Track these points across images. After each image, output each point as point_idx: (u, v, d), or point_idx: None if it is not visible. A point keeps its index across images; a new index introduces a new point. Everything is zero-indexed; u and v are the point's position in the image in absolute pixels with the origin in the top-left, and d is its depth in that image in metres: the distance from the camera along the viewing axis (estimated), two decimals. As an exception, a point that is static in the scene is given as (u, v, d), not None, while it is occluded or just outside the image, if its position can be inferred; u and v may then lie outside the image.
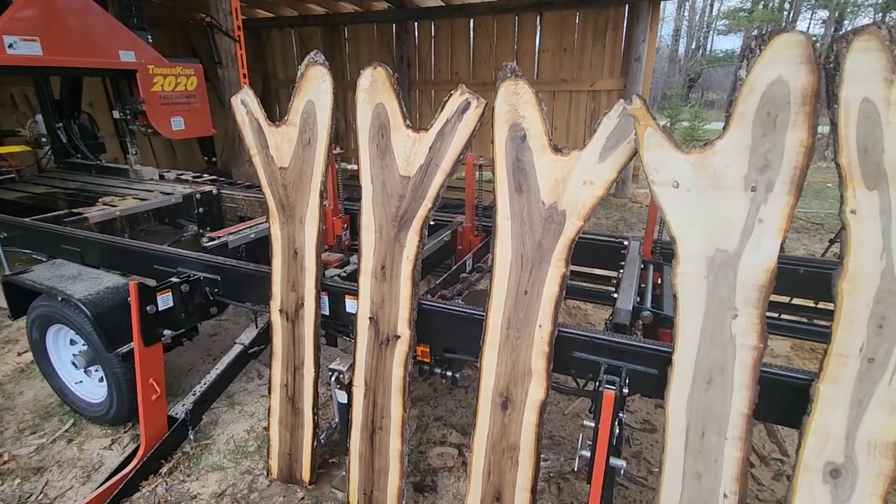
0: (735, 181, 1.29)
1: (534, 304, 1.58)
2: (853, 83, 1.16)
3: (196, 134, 4.09)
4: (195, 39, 8.70)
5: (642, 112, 1.36)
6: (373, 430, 1.89)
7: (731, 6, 27.70)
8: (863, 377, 1.24)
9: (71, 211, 2.99)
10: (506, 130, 1.59)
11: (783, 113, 1.22)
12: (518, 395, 1.61)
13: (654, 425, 2.45)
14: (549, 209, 1.55)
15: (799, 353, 3.08)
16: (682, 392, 1.40)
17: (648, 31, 6.52)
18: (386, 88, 1.70)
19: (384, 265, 1.79)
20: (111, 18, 3.54)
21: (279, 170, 1.94)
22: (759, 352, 1.31)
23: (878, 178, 1.17)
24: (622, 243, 2.46)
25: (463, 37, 7.86)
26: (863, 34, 1.14)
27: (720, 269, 1.33)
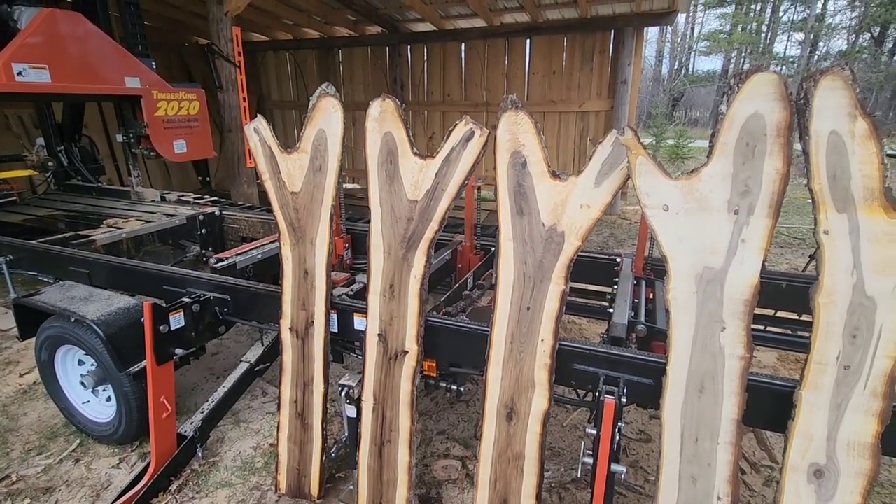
0: (719, 204, 1.41)
1: (536, 319, 1.68)
2: (821, 117, 1.29)
3: (197, 156, 4.18)
4: (191, 62, 8.84)
5: (633, 142, 1.49)
6: (381, 443, 1.96)
7: (712, 29, 28.69)
8: (840, 383, 1.35)
9: (78, 233, 3.05)
10: (507, 157, 1.70)
11: (761, 143, 1.35)
12: (522, 406, 1.70)
13: (650, 435, 2.54)
14: (549, 230, 1.66)
15: (785, 363, 3.21)
16: (677, 400, 1.50)
17: (633, 54, 6.79)
18: (394, 118, 1.82)
19: (392, 284, 1.88)
20: (117, 46, 3.65)
21: (291, 194, 2.04)
22: (747, 361, 1.42)
23: (847, 201, 1.30)
24: (615, 260, 2.58)
25: (455, 60, 8.09)
26: (828, 74, 1.28)
27: (708, 285, 1.44)
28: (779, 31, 26.30)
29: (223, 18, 4.71)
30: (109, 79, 3.51)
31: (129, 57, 3.70)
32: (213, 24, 4.77)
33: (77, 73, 3.33)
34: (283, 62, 9.47)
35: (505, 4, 6.83)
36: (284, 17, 7.72)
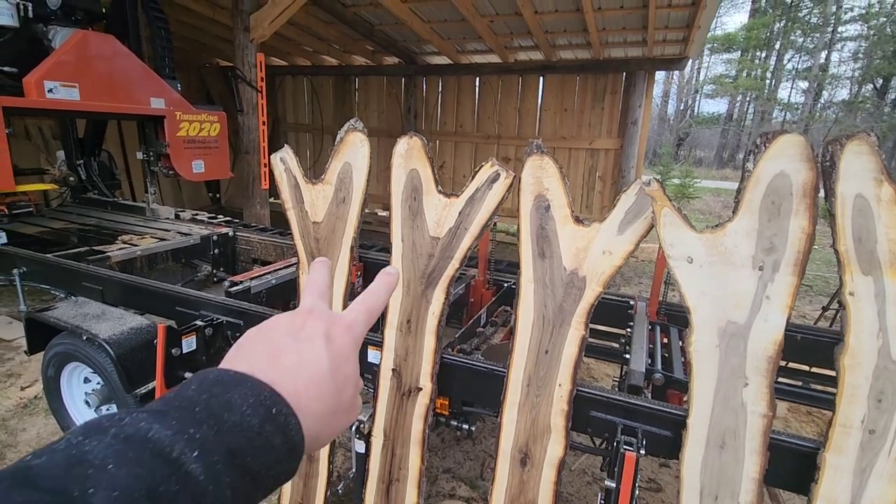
0: (744, 260, 1.42)
1: (554, 363, 1.67)
2: (847, 180, 1.31)
3: (214, 177, 4.24)
4: (211, 83, 9.05)
5: (659, 193, 1.51)
6: (389, 482, 1.92)
7: (717, 73, 29.37)
8: (865, 447, 1.33)
9: (93, 249, 3.07)
10: (531, 200, 1.73)
11: (786, 202, 1.37)
12: (537, 452, 1.68)
13: (660, 484, 2.49)
14: (570, 275, 1.67)
15: (796, 415, 3.16)
16: (697, 455, 1.48)
17: (644, 96, 6.93)
18: (420, 156, 1.85)
19: (410, 319, 1.88)
20: (145, 67, 3.75)
21: (312, 224, 2.06)
22: (769, 419, 1.41)
23: (873, 264, 1.30)
24: (629, 303, 2.58)
25: (469, 92, 8.27)
26: (855, 139, 1.31)
27: (731, 340, 1.44)
28: (783, 79, 26.92)
29: (248, 45, 4.85)
30: (136, 99, 3.60)
31: (155, 78, 3.79)
32: (237, 50, 4.91)
33: (105, 93, 3.41)
34: (300, 87, 9.69)
35: (520, 43, 7.02)
36: (305, 44, 7.94)
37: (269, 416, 0.38)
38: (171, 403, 0.36)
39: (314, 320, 0.48)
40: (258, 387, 0.40)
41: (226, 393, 0.38)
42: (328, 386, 0.44)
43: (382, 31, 7.18)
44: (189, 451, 0.33)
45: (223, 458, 0.34)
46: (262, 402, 0.38)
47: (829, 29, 24.36)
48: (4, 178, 2.91)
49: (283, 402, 0.40)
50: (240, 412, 0.37)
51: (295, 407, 0.40)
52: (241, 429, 0.36)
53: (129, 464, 0.30)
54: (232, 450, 0.35)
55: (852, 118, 22.15)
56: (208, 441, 0.34)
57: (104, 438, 0.32)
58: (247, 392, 0.39)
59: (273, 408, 0.39)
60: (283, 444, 0.38)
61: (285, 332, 0.46)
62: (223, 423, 0.36)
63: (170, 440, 0.33)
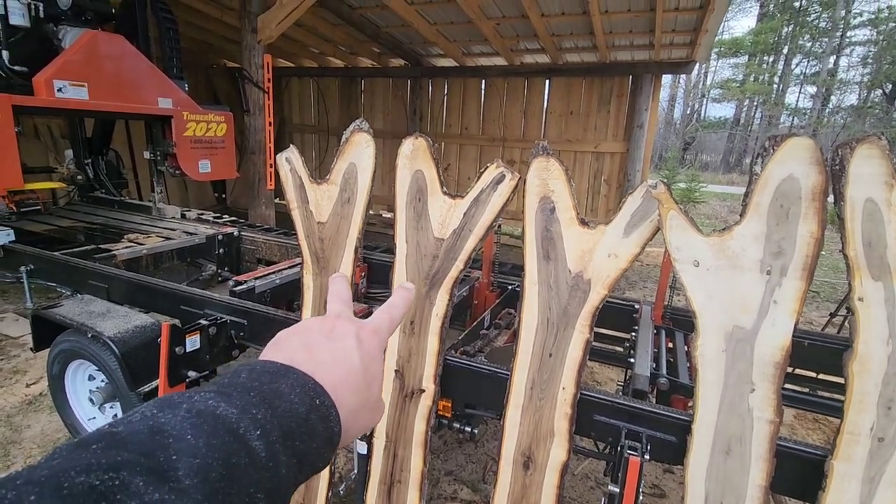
0: (751, 264, 1.41)
1: (558, 366, 1.66)
2: (857, 185, 1.30)
3: (220, 177, 4.26)
4: (217, 84, 9.11)
5: (666, 196, 1.50)
6: (391, 484, 1.91)
7: (724, 77, 29.27)
8: (873, 456, 1.31)
9: (99, 247, 3.08)
10: (536, 202, 1.72)
11: (795, 206, 1.36)
12: (540, 456, 1.66)
13: (664, 490, 2.47)
14: (575, 277, 1.66)
15: (802, 422, 3.13)
16: (702, 461, 1.46)
17: (651, 100, 6.91)
18: (426, 157, 1.84)
19: (413, 321, 1.87)
20: (153, 67, 3.77)
21: (317, 224, 2.06)
22: (776, 425, 1.39)
23: (883, 269, 1.29)
24: (633, 307, 2.56)
25: (474, 94, 8.27)
26: (865, 142, 1.29)
27: (738, 345, 1.42)
28: (791, 83, 26.79)
29: (255, 46, 4.87)
30: (144, 99, 3.62)
31: (163, 78, 3.82)
32: (245, 51, 4.94)
33: (114, 93, 3.43)
34: (306, 88, 9.73)
35: (526, 46, 7.02)
36: (312, 45, 7.98)
37: (314, 405, 0.41)
38: (230, 387, 0.39)
39: (344, 323, 0.52)
40: (303, 378, 0.43)
41: (274, 382, 0.41)
42: (360, 382, 0.48)
43: (389, 32, 7.20)
44: (253, 430, 0.35)
45: (279, 438, 0.37)
46: (307, 392, 0.42)
47: (837, 33, 24.23)
48: (13, 175, 2.93)
49: (325, 393, 0.43)
50: (288, 400, 0.40)
51: (334, 398, 0.43)
52: (291, 415, 0.39)
53: (204, 435, 0.33)
54: (286, 432, 0.38)
55: (861, 123, 22.00)
56: (267, 422, 0.37)
57: (178, 412, 0.34)
58: (293, 382, 0.42)
59: (317, 398, 0.42)
60: (324, 432, 0.42)
61: (318, 332, 0.50)
62: (276, 408, 0.39)
63: (236, 418, 0.35)
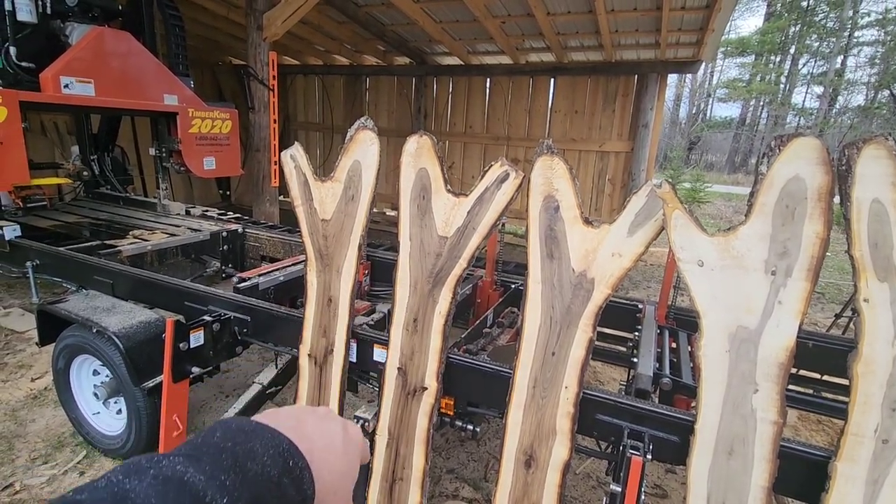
0: (756, 264, 1.40)
1: (561, 365, 1.66)
2: (864, 185, 1.29)
3: (225, 174, 4.27)
4: (223, 80, 9.13)
5: (670, 196, 1.49)
6: (393, 481, 1.92)
7: (731, 77, 29.11)
8: (877, 457, 1.31)
9: (104, 243, 3.10)
10: (540, 201, 1.72)
11: (801, 206, 1.35)
12: (542, 454, 1.66)
13: (666, 491, 2.46)
14: (578, 276, 1.65)
15: (805, 423, 3.12)
16: (704, 461, 1.46)
17: (656, 99, 6.88)
18: (430, 155, 1.85)
19: (416, 318, 1.87)
20: (159, 64, 3.79)
21: (321, 221, 2.06)
22: (779, 426, 1.39)
23: (889, 270, 1.28)
24: (637, 307, 2.56)
25: (479, 93, 8.26)
26: (872, 143, 1.28)
27: (742, 345, 1.42)
28: (798, 84, 26.62)
29: (261, 43, 4.88)
30: (149, 95, 3.63)
31: (169, 75, 3.83)
32: (250, 48, 4.94)
33: (119, 89, 3.45)
34: (311, 85, 9.74)
35: (531, 44, 7.00)
36: (317, 43, 7.98)
37: (287, 468, 0.42)
38: (201, 449, 0.39)
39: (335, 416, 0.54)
40: (278, 438, 0.43)
41: (248, 441, 0.41)
42: (338, 461, 0.48)
43: (394, 31, 7.19)
44: (220, 497, 0.35)
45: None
46: (280, 454, 0.42)
47: (845, 34, 24.05)
48: (20, 171, 2.95)
49: (299, 455, 0.43)
50: (261, 461, 0.40)
51: (310, 463, 0.44)
52: (262, 478, 0.39)
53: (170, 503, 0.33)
54: (255, 498, 0.38)
55: (868, 124, 21.84)
56: (235, 489, 0.37)
57: (144, 479, 0.34)
58: (267, 443, 0.42)
59: (290, 460, 0.42)
60: (296, 496, 0.41)
61: (311, 412, 0.51)
62: (247, 471, 0.38)
63: (203, 485, 0.35)
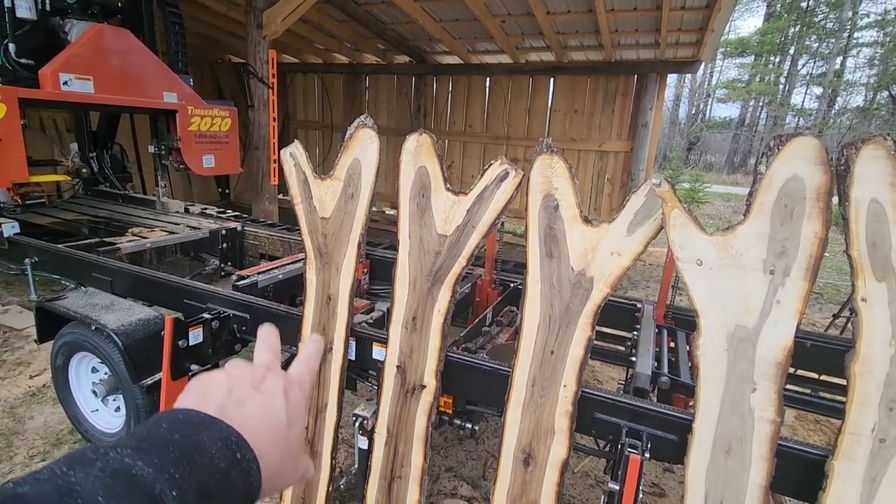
0: (754, 263, 1.41)
1: (559, 364, 1.66)
2: (862, 185, 1.29)
3: (224, 171, 4.27)
4: (222, 79, 9.12)
5: (669, 195, 1.49)
6: (391, 479, 1.92)
7: (730, 77, 29.13)
8: (875, 456, 1.31)
9: (103, 240, 3.10)
10: (539, 199, 1.72)
11: (799, 206, 1.35)
12: (540, 453, 1.67)
13: (664, 489, 2.47)
14: (577, 275, 1.66)
15: (803, 423, 3.12)
16: (702, 460, 1.46)
17: (655, 99, 6.88)
18: (430, 153, 1.85)
19: (415, 316, 1.87)
20: (159, 62, 3.78)
21: (321, 219, 2.06)
22: (777, 425, 1.39)
23: (887, 270, 1.28)
24: (636, 306, 2.56)
25: (479, 92, 8.26)
26: (870, 143, 1.29)
27: (740, 344, 1.42)
28: (797, 84, 26.65)
29: (261, 41, 4.87)
30: (149, 93, 3.63)
31: (168, 73, 3.82)
32: (250, 46, 4.94)
33: (119, 86, 3.44)
34: (311, 84, 9.73)
35: (531, 44, 7.00)
36: (317, 42, 7.97)
37: (235, 460, 0.41)
38: (148, 441, 0.38)
39: (273, 377, 0.51)
40: (226, 430, 0.42)
41: (196, 434, 0.41)
42: (284, 438, 0.48)
43: (394, 29, 7.19)
44: (169, 490, 0.35)
45: (196, 498, 0.37)
46: (228, 447, 0.41)
47: (844, 34, 24.07)
48: (19, 168, 2.95)
49: (247, 447, 0.43)
50: (209, 454, 0.40)
51: (256, 453, 0.43)
52: (210, 470, 0.39)
53: (117, 497, 0.32)
54: (203, 491, 0.38)
55: (867, 125, 21.87)
56: (184, 481, 0.36)
57: (91, 471, 0.33)
58: (215, 435, 0.41)
59: (238, 452, 0.42)
60: (243, 488, 0.41)
61: (249, 383, 0.49)
62: (195, 464, 0.38)
63: (152, 478, 0.35)
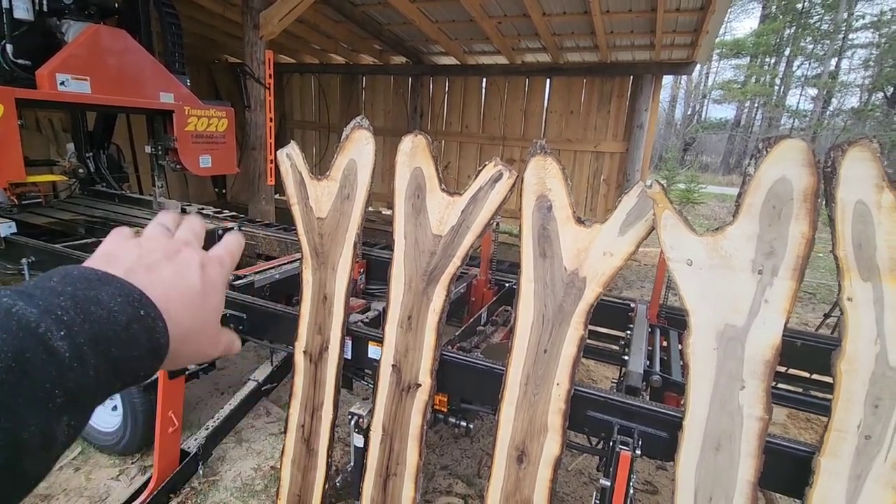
0: (743, 264, 1.43)
1: (553, 362, 1.68)
2: (848, 187, 1.32)
3: (221, 172, 4.27)
4: (219, 79, 9.11)
5: (661, 196, 1.52)
6: (387, 476, 1.94)
7: (726, 78, 29.27)
8: (860, 453, 1.34)
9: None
10: (533, 200, 1.74)
11: (787, 207, 1.38)
12: (534, 450, 1.69)
13: (656, 487, 2.50)
14: (570, 275, 1.68)
15: (795, 421, 3.16)
16: (692, 457, 1.49)
17: (651, 100, 6.93)
18: (425, 154, 1.87)
19: (411, 316, 1.89)
20: (155, 62, 3.78)
21: (317, 220, 2.08)
22: (765, 422, 1.42)
23: (872, 271, 1.31)
24: (629, 306, 2.59)
25: (475, 93, 8.29)
26: (857, 145, 1.31)
27: (729, 343, 1.45)
28: (792, 85, 26.79)
29: (258, 42, 4.88)
30: (145, 93, 3.63)
31: (165, 73, 3.83)
32: (247, 47, 4.95)
33: (115, 86, 3.45)
34: (307, 84, 9.74)
35: (527, 45, 7.03)
36: (313, 42, 7.98)
37: (138, 316, 0.40)
38: (34, 289, 0.36)
39: (190, 251, 0.51)
40: (128, 287, 0.41)
41: (92, 289, 0.39)
42: (197, 305, 0.47)
43: (391, 30, 7.21)
44: (56, 330, 0.34)
45: (89, 342, 0.36)
46: (130, 303, 0.40)
47: (839, 36, 24.22)
48: (16, 168, 2.95)
49: (151, 305, 0.42)
50: (107, 308, 0.38)
51: (164, 312, 0.42)
52: (109, 322, 0.38)
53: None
54: (97, 338, 0.36)
55: (861, 126, 22.02)
56: (75, 325, 0.35)
57: None
58: (115, 292, 0.40)
59: (141, 310, 0.41)
60: (147, 343, 0.40)
61: (162, 253, 0.49)
62: (90, 313, 0.37)
63: (36, 317, 0.33)
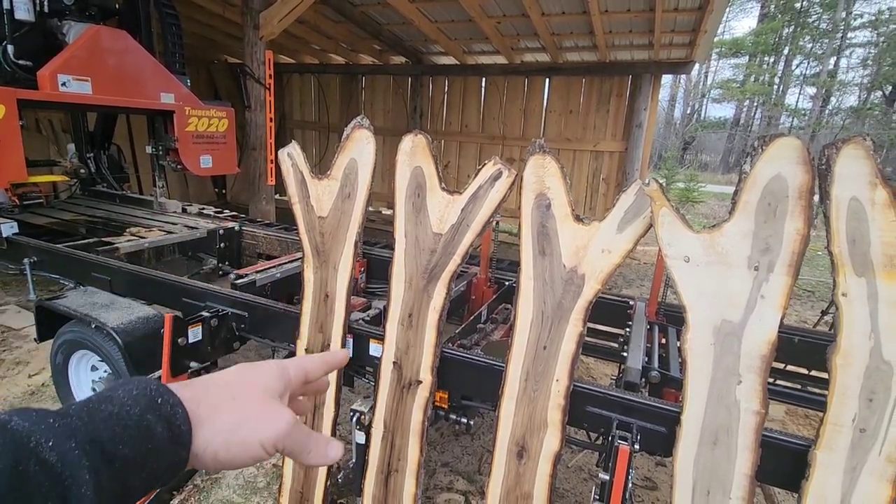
0: (740, 260, 1.45)
1: (552, 359, 1.70)
2: (842, 184, 1.34)
3: (221, 172, 4.29)
4: (219, 79, 9.13)
5: (658, 194, 1.54)
6: (388, 472, 1.96)
7: (725, 77, 29.30)
8: (855, 446, 1.36)
9: (102, 240, 3.12)
10: (532, 198, 1.76)
11: (782, 204, 1.40)
12: (534, 445, 1.71)
13: (655, 483, 2.52)
14: (569, 272, 1.70)
15: (793, 417, 3.18)
16: (690, 451, 1.51)
17: (650, 100, 6.94)
18: (425, 153, 1.88)
19: (411, 314, 1.91)
20: (156, 63, 3.80)
21: (318, 218, 2.10)
22: (762, 417, 1.43)
23: (866, 266, 1.33)
24: (628, 303, 2.61)
25: (475, 93, 8.30)
26: (851, 142, 1.33)
27: (726, 338, 1.47)
28: (791, 84, 26.82)
29: (258, 42, 4.90)
30: (146, 94, 3.65)
31: (166, 73, 3.84)
32: (247, 47, 4.96)
33: (116, 87, 3.46)
34: (307, 84, 9.75)
35: (527, 44, 7.05)
36: (313, 42, 7.99)
37: (153, 405, 0.41)
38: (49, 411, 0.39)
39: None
40: (145, 382, 0.43)
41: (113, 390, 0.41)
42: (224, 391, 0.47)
43: (390, 30, 7.22)
44: (45, 441, 0.36)
45: (82, 445, 0.37)
46: (145, 394, 0.41)
47: (838, 35, 24.25)
48: (17, 168, 2.97)
49: (169, 392, 0.42)
50: (119, 402, 0.40)
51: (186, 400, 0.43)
52: (118, 418, 0.39)
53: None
54: (97, 439, 0.38)
55: (860, 125, 22.06)
56: (67, 430, 0.37)
57: None
58: (132, 387, 0.42)
59: (158, 398, 0.41)
60: (165, 432, 0.41)
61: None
62: (97, 413, 0.38)
63: (27, 430, 0.36)
